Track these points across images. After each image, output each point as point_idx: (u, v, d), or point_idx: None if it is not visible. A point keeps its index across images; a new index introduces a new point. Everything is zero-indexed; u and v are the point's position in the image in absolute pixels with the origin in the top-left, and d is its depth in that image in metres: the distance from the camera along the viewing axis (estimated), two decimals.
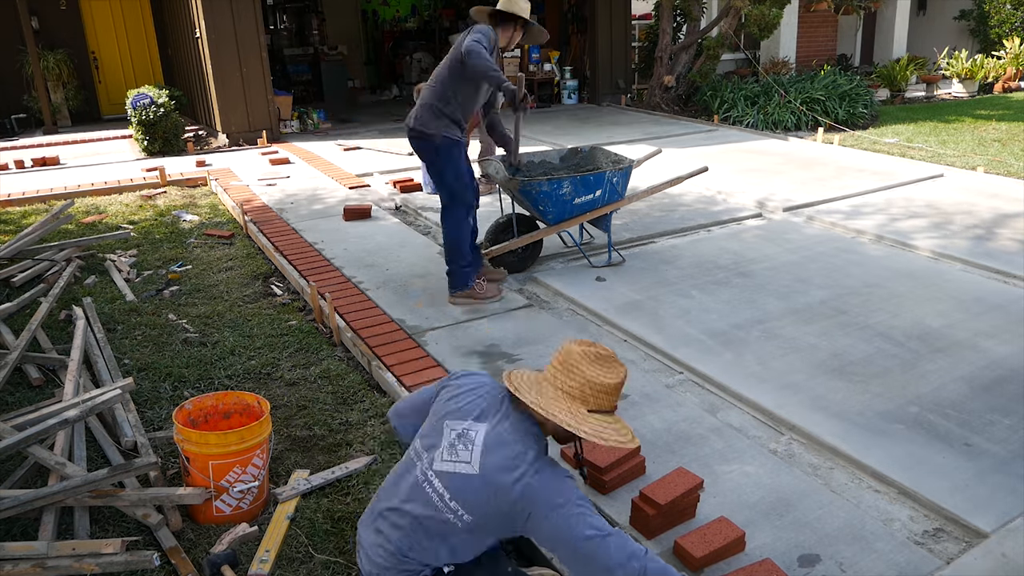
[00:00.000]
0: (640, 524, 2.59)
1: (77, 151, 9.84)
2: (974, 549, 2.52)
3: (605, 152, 5.27)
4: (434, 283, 4.88)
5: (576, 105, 13.09)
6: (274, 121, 10.22)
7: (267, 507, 2.80)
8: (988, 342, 3.93)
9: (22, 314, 4.56)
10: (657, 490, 2.59)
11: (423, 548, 2.11)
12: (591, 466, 2.80)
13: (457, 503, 2.05)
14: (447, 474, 2.08)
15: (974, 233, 5.61)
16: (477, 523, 2.05)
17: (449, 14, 15.61)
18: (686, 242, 5.65)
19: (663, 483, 2.63)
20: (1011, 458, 2.97)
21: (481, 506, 2.03)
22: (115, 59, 12.61)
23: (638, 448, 2.89)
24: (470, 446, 2.07)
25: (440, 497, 2.07)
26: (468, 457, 2.06)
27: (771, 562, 2.34)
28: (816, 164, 7.99)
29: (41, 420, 2.99)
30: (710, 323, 4.22)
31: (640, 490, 2.61)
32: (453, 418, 2.15)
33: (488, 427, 2.09)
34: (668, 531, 2.59)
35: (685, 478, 2.65)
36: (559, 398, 2.05)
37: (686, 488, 2.61)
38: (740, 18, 11.64)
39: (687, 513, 2.64)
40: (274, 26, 15.57)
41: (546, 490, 1.97)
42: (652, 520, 2.54)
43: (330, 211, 6.62)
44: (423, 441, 2.19)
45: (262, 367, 3.89)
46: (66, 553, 2.39)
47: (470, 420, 2.12)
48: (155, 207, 7.07)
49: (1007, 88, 14.02)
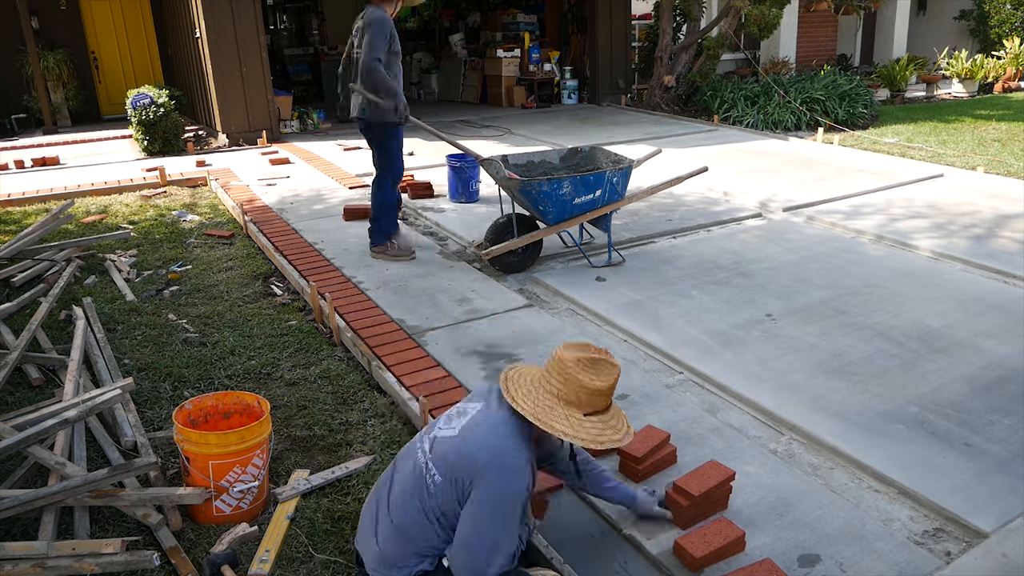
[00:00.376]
0: (674, 515, 2.63)
1: (77, 151, 9.84)
2: (974, 549, 2.52)
3: (605, 152, 5.27)
4: (434, 283, 4.88)
5: (576, 105, 13.09)
6: (274, 121, 10.21)
7: (267, 507, 2.80)
8: (988, 342, 3.93)
9: (22, 314, 4.56)
10: (691, 481, 2.62)
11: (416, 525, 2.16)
12: (626, 456, 2.87)
13: (432, 464, 2.16)
14: (437, 439, 2.21)
15: (974, 233, 5.61)
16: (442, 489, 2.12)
17: (449, 14, 15.61)
18: (686, 242, 5.65)
19: (696, 475, 2.67)
20: (1011, 458, 2.97)
21: (448, 467, 2.12)
22: (115, 59, 12.62)
23: (668, 437, 2.97)
24: (463, 418, 2.22)
25: (424, 464, 2.19)
26: (458, 425, 2.20)
27: (771, 562, 2.34)
28: (816, 164, 7.99)
29: (41, 420, 2.99)
30: (710, 323, 4.22)
31: (674, 482, 2.65)
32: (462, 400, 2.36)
33: (483, 407, 2.23)
34: (702, 521, 2.62)
35: (718, 470, 2.69)
36: (555, 405, 2.10)
37: (719, 480, 2.64)
38: (740, 18, 11.65)
39: (720, 504, 2.68)
40: (274, 26, 15.59)
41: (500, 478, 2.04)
42: (686, 511, 2.58)
43: (330, 211, 6.62)
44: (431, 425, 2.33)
45: (262, 367, 3.89)
46: (66, 553, 2.39)
47: (472, 401, 2.30)
48: (155, 207, 7.07)
49: (1007, 88, 14.02)
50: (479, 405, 2.24)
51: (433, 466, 2.16)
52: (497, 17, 13.95)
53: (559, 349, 2.17)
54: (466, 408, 2.27)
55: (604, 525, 2.66)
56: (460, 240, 5.80)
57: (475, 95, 13.88)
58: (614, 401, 2.23)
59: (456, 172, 6.66)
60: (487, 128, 10.80)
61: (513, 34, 13.49)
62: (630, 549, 2.55)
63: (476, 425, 2.16)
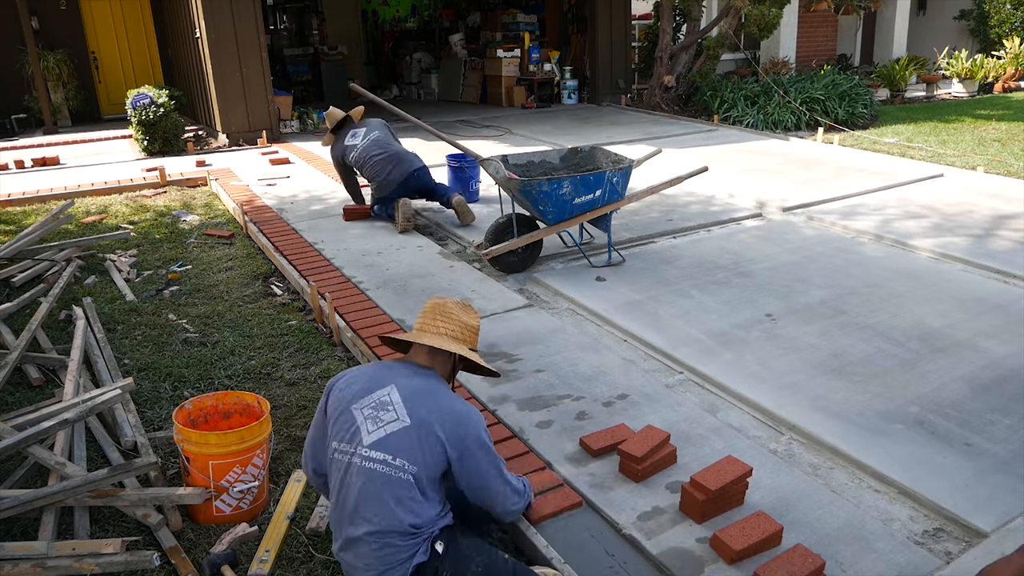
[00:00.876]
0: (690, 509, 2.64)
1: (77, 151, 9.84)
2: (974, 549, 2.52)
3: (605, 152, 5.27)
4: (434, 283, 4.88)
5: (576, 105, 13.09)
6: (274, 121, 10.21)
7: (267, 507, 2.80)
8: (988, 342, 3.93)
9: (22, 314, 4.56)
10: (707, 476, 2.64)
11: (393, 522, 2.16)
12: (626, 456, 2.87)
13: (402, 459, 2.20)
14: (381, 440, 2.22)
15: (974, 233, 5.60)
16: (421, 472, 2.20)
17: (449, 14, 15.61)
18: (686, 242, 5.65)
19: (713, 470, 2.68)
20: (1011, 458, 2.97)
21: (422, 452, 2.20)
22: (115, 59, 12.62)
23: (668, 437, 2.98)
24: (390, 407, 2.26)
25: (384, 464, 2.19)
26: (395, 416, 2.25)
27: (803, 547, 2.40)
28: (816, 164, 7.99)
29: (41, 420, 2.99)
30: (710, 323, 4.22)
31: (691, 476, 2.67)
32: (357, 400, 2.31)
33: (397, 385, 2.31)
34: (717, 516, 2.63)
35: (734, 466, 2.70)
36: (449, 343, 2.42)
37: (735, 475, 2.66)
38: (740, 18, 11.65)
39: (736, 500, 2.69)
40: (274, 26, 15.58)
41: (466, 414, 2.30)
42: (702, 505, 2.60)
43: (330, 211, 6.62)
44: (339, 439, 2.28)
45: (262, 367, 3.89)
46: (66, 553, 2.39)
47: (377, 392, 2.31)
48: (155, 207, 7.07)
49: (1007, 88, 14.03)
50: (389, 388, 2.30)
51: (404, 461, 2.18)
52: (497, 17, 13.96)
53: (429, 299, 2.57)
54: (380, 399, 2.28)
55: (604, 525, 2.66)
56: (460, 240, 5.80)
57: (475, 95, 13.88)
58: None
59: (456, 172, 6.66)
60: (487, 128, 10.80)
61: (513, 34, 13.49)
62: (630, 549, 2.55)
63: (409, 402, 2.27)
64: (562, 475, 2.90)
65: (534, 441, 3.13)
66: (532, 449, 3.07)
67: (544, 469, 2.93)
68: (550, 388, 3.55)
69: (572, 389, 3.54)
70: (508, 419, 3.28)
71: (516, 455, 3.01)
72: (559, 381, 3.61)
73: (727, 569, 2.42)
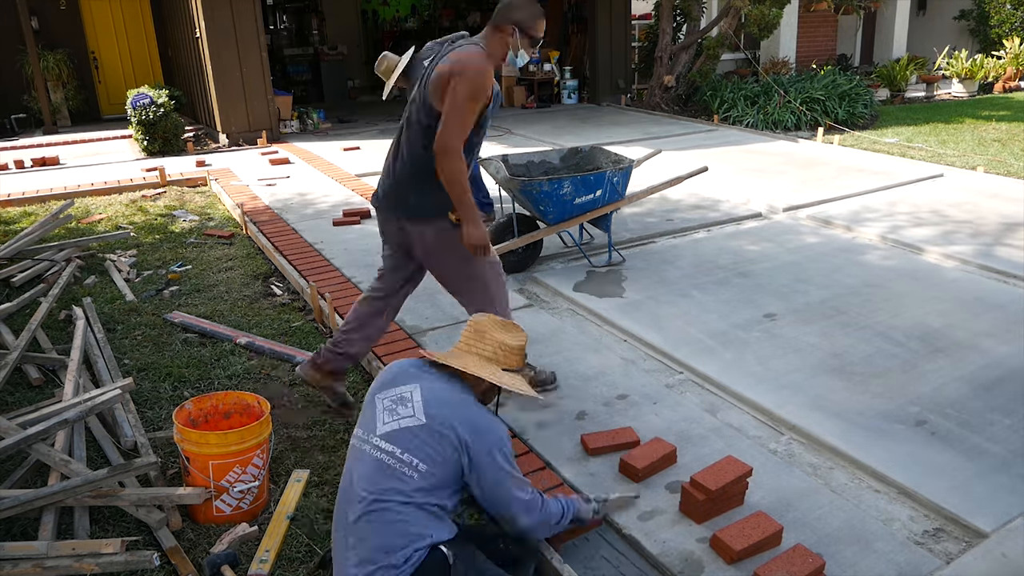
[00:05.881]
0: (690, 509, 2.64)
1: (77, 151, 9.84)
2: (974, 549, 2.52)
3: (605, 152, 5.27)
4: (433, 283, 4.86)
5: (576, 105, 13.09)
6: (274, 121, 10.21)
7: (267, 507, 2.80)
8: (988, 342, 3.93)
9: (22, 314, 4.56)
10: (707, 476, 2.64)
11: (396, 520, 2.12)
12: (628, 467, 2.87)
13: (410, 455, 2.17)
14: (392, 433, 2.20)
15: (974, 233, 5.60)
16: (431, 471, 2.15)
17: (449, 14, 15.62)
18: (686, 242, 5.65)
19: (713, 470, 2.68)
20: (1011, 458, 2.97)
21: (433, 453, 2.16)
22: (115, 59, 12.61)
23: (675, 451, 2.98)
24: (409, 404, 2.25)
25: (391, 456, 2.17)
26: (411, 412, 2.23)
27: (803, 547, 2.40)
28: (816, 164, 7.99)
29: (41, 420, 2.99)
30: (710, 323, 4.22)
31: (691, 476, 2.67)
32: (383, 391, 2.31)
33: (422, 386, 2.29)
34: (717, 516, 2.63)
35: (734, 466, 2.70)
36: (479, 363, 2.38)
37: (735, 475, 2.66)
38: (740, 18, 11.65)
39: (735, 500, 2.70)
40: (274, 26, 15.58)
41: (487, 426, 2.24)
42: (702, 505, 2.60)
43: (330, 211, 6.62)
44: (361, 426, 2.30)
45: (262, 367, 3.88)
46: (66, 553, 2.39)
47: (400, 387, 2.30)
48: (155, 207, 7.07)
49: (1007, 88, 14.03)
50: (413, 387, 2.28)
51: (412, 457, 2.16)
52: None
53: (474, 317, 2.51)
54: (402, 394, 2.27)
55: (604, 525, 2.66)
56: None
57: None
58: None
59: None
60: None
61: None
62: (630, 549, 2.55)
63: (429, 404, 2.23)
64: (562, 475, 2.90)
65: (534, 441, 3.13)
66: (532, 449, 3.08)
67: (544, 469, 2.93)
68: None
69: (572, 389, 3.54)
70: (508, 419, 3.28)
71: (516, 455, 3.00)
72: (559, 381, 3.61)
73: (727, 569, 2.42)
